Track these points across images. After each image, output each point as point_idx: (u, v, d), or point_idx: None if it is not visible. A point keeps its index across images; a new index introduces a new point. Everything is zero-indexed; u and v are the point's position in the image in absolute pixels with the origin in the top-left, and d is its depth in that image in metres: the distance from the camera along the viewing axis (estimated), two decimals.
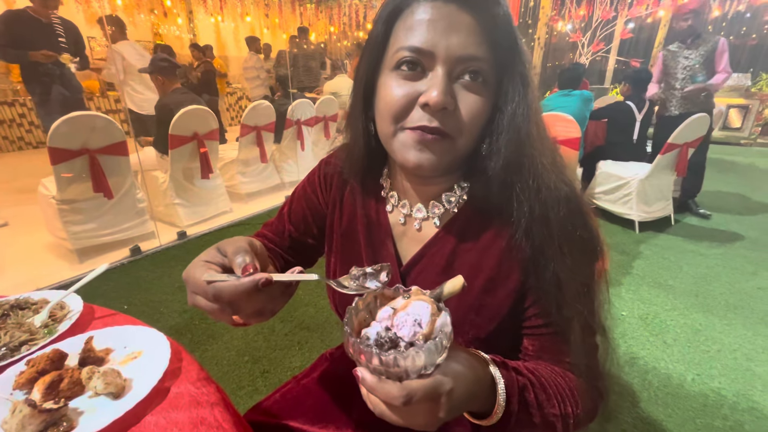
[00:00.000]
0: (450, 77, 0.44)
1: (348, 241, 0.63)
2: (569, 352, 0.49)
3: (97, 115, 2.20)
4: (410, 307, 0.36)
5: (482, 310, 0.51)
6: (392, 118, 0.46)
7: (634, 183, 2.84)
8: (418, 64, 0.44)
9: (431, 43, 0.43)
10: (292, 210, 0.69)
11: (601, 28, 6.41)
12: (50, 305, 0.62)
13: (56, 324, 0.59)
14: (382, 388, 0.33)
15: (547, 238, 0.47)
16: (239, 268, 0.39)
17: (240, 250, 0.41)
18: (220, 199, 3.16)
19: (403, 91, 0.45)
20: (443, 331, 0.34)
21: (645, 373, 1.56)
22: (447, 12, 0.43)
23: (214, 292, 0.38)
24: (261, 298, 0.40)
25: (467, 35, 0.43)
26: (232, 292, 0.38)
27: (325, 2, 9.17)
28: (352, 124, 0.55)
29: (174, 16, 7.35)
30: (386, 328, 0.36)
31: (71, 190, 2.22)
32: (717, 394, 1.46)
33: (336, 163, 0.65)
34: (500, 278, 0.51)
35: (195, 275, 0.40)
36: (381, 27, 0.48)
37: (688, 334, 1.78)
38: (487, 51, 0.44)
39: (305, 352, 1.67)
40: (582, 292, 0.48)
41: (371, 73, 0.50)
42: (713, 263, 2.44)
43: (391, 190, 0.59)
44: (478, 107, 0.45)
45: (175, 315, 1.92)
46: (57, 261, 2.42)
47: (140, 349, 0.54)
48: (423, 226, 0.56)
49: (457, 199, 0.54)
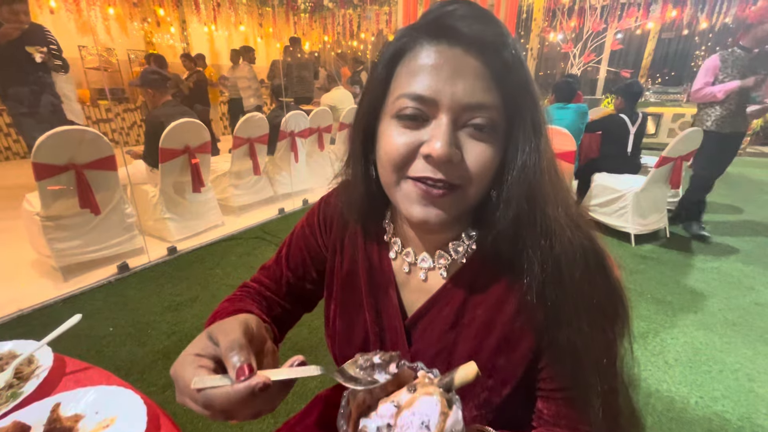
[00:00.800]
0: (455, 125, 0.40)
1: (349, 287, 0.59)
2: (587, 420, 0.45)
3: (84, 129, 2.14)
4: (416, 405, 0.32)
5: (495, 372, 0.47)
6: (393, 168, 0.43)
7: (629, 196, 2.84)
8: (421, 114, 0.41)
9: (434, 90, 0.39)
10: (291, 253, 0.65)
11: (591, 39, 6.50)
12: (16, 361, 0.56)
13: (22, 384, 0.53)
14: None
15: (562, 301, 0.43)
16: (233, 369, 0.35)
17: (234, 345, 0.36)
18: (212, 213, 3.10)
19: (405, 139, 0.41)
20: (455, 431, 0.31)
21: (648, 396, 1.52)
22: (452, 56, 0.39)
23: (204, 401, 0.34)
24: (257, 403, 0.35)
25: (474, 81, 0.39)
26: (224, 400, 0.34)
27: (319, 12, 9.21)
28: (353, 167, 0.51)
29: (167, 25, 7.31)
30: (388, 425, 0.32)
31: (56, 206, 2.15)
32: (721, 418, 1.43)
33: (336, 203, 0.61)
34: (514, 337, 0.47)
35: (184, 376, 0.36)
36: (382, 70, 0.44)
37: (689, 354, 1.76)
38: (496, 97, 0.40)
39: (298, 384, 1.60)
40: (601, 359, 0.43)
41: (372, 117, 0.46)
42: (709, 278, 2.42)
43: (395, 236, 0.55)
44: (487, 157, 0.41)
45: (163, 337, 1.85)
46: (40, 279, 2.33)
47: (113, 414, 0.49)
48: (429, 276, 0.52)
49: (465, 249, 0.50)
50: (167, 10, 6.90)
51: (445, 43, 0.40)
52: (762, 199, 4.02)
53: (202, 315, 2.01)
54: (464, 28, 0.39)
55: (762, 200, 4.00)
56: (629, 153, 3.11)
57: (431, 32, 0.40)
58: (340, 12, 9.00)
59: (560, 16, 6.99)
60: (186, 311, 2.05)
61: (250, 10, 7.99)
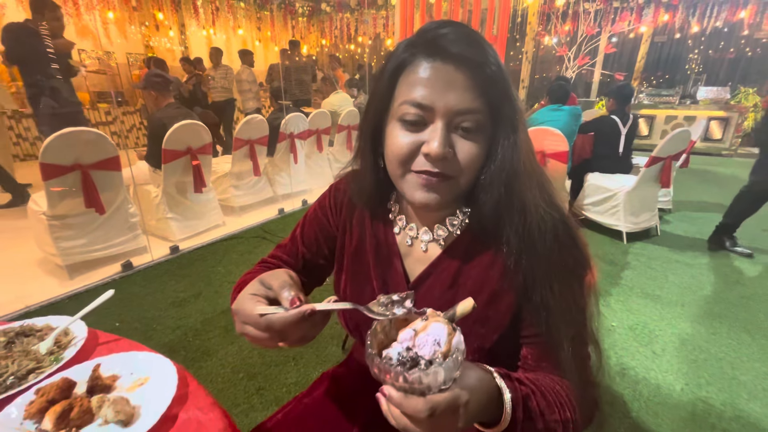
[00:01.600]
0: (449, 128, 0.49)
1: (358, 261, 0.67)
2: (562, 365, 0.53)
3: (89, 130, 2.19)
4: (429, 329, 0.40)
5: (487, 321, 0.56)
6: (399, 163, 0.52)
7: (621, 195, 2.92)
8: (420, 120, 0.50)
9: (431, 99, 0.48)
10: (305, 232, 0.74)
11: (586, 43, 6.61)
12: (56, 332, 0.62)
13: (61, 351, 0.60)
14: (408, 404, 0.37)
15: (535, 267, 0.52)
16: (287, 300, 0.45)
17: (285, 284, 0.47)
18: (213, 213, 3.16)
19: (408, 140, 0.51)
20: (459, 349, 0.38)
21: (635, 383, 1.59)
22: (445, 71, 0.48)
23: (266, 324, 0.44)
24: (305, 326, 0.45)
25: (463, 91, 0.48)
26: (282, 323, 0.43)
27: (317, 16, 9.30)
28: (362, 160, 0.61)
29: (166, 29, 7.37)
30: (407, 348, 0.40)
31: (62, 205, 2.21)
32: (705, 403, 1.50)
33: (345, 189, 0.70)
34: (502, 291, 0.56)
35: (246, 308, 0.45)
36: (387, 80, 0.53)
37: (676, 344, 1.83)
38: (481, 104, 0.49)
39: (300, 367, 1.67)
40: (570, 313, 0.52)
41: (379, 119, 0.55)
42: (698, 273, 2.50)
43: (399, 214, 0.64)
44: (474, 152, 0.50)
45: (168, 332, 1.90)
46: (46, 277, 2.38)
47: (147, 375, 0.55)
48: (429, 248, 0.61)
49: (460, 222, 0.59)
50: (166, 14, 6.97)
51: (439, 60, 0.48)
52: None
53: (205, 310, 2.07)
54: (455, 49, 0.48)
55: None
56: (621, 153, 3.20)
57: (428, 51, 0.49)
58: (337, 16, 9.10)
59: (555, 20, 7.11)
60: (190, 307, 2.11)
61: (249, 14, 8.07)
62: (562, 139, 2.77)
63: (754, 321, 1.99)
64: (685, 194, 4.18)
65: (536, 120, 3.11)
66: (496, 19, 2.84)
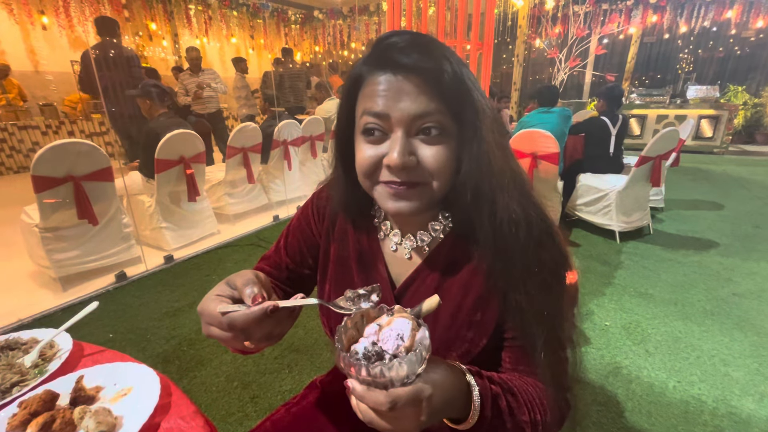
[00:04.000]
0: (408, 135, 0.49)
1: (341, 267, 0.67)
2: (537, 366, 0.53)
3: (82, 141, 2.20)
4: (393, 324, 0.41)
5: (474, 326, 0.56)
6: (366, 177, 0.53)
7: (612, 195, 2.95)
8: (379, 129, 0.50)
9: (385, 107, 0.48)
10: (288, 243, 0.73)
11: (576, 45, 6.68)
12: (40, 345, 0.63)
13: (46, 363, 0.60)
14: (370, 396, 0.38)
15: (509, 269, 0.52)
16: (249, 298, 0.45)
17: (248, 282, 0.46)
18: (208, 221, 3.16)
19: (370, 153, 0.51)
20: (422, 344, 0.39)
21: (629, 382, 1.60)
22: (395, 81, 0.48)
23: (228, 322, 0.43)
24: (269, 324, 0.45)
25: (417, 96, 0.48)
26: (244, 320, 0.43)
27: (310, 23, 9.36)
28: (337, 173, 0.61)
29: (159, 39, 7.40)
30: (372, 342, 0.40)
31: (55, 217, 2.21)
32: (697, 400, 1.51)
33: (327, 197, 0.70)
34: (486, 296, 0.56)
35: (209, 308, 0.45)
36: (347, 95, 0.54)
37: (669, 342, 1.84)
38: (439, 104, 0.48)
39: (295, 375, 1.67)
40: (544, 315, 0.52)
41: (348, 133, 0.56)
42: (690, 271, 2.52)
43: (384, 221, 0.64)
44: (440, 156, 0.50)
45: (162, 342, 1.90)
46: (39, 290, 2.37)
47: (130, 385, 0.56)
48: (413, 254, 0.61)
49: (443, 227, 0.59)
50: (159, 24, 7.00)
51: (389, 71, 0.49)
52: (742, 195, 4.16)
53: (199, 320, 2.06)
54: (403, 59, 0.48)
55: (742, 196, 4.14)
56: (612, 154, 3.23)
57: (379, 63, 0.50)
58: (330, 23, 9.17)
59: (545, 23, 7.20)
60: (184, 316, 2.10)
61: (242, 23, 8.12)
62: (552, 141, 2.80)
63: (745, 318, 2.01)
64: (677, 192, 4.22)
65: (527, 123, 3.14)
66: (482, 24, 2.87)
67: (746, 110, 6.99)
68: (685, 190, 4.40)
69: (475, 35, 2.92)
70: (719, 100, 6.58)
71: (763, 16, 6.34)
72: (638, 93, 7.30)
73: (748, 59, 7.39)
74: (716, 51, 7.60)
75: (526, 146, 2.90)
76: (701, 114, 6.50)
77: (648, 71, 8.21)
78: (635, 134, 6.97)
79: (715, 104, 6.45)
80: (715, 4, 6.56)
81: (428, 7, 2.99)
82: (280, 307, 0.44)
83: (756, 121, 7.18)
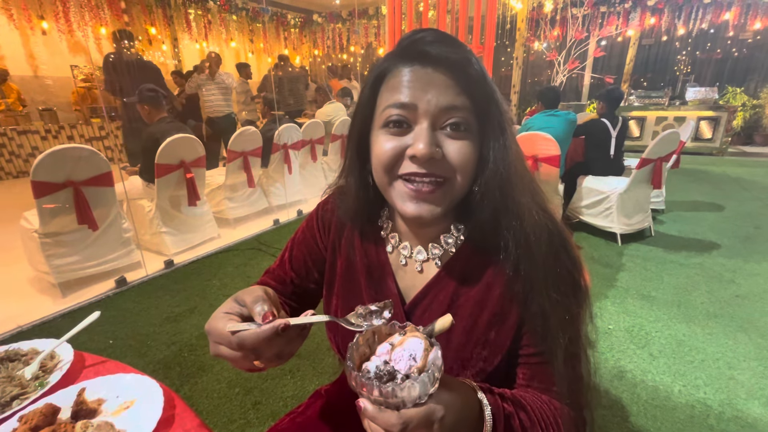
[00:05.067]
0: (434, 128, 0.48)
1: (349, 282, 0.65)
2: (555, 380, 0.52)
3: (82, 147, 2.19)
4: (406, 343, 0.40)
5: (488, 344, 0.54)
6: (384, 170, 0.50)
7: (613, 197, 2.94)
8: (404, 120, 0.48)
9: (413, 97, 0.47)
10: (293, 256, 0.71)
11: (575, 47, 6.69)
12: (41, 356, 0.62)
13: (47, 375, 0.59)
14: (381, 417, 0.37)
15: (533, 272, 0.50)
16: (259, 316, 0.43)
17: (258, 299, 0.44)
18: (208, 226, 3.15)
19: (392, 144, 0.49)
20: (435, 364, 0.38)
21: (633, 386, 1.59)
22: (424, 73, 0.47)
23: (238, 341, 0.42)
24: (280, 342, 0.43)
25: (445, 89, 0.47)
26: (255, 339, 0.41)
27: (309, 27, 9.38)
28: (350, 176, 0.59)
29: (159, 43, 7.41)
30: (385, 362, 0.39)
31: (55, 223, 2.19)
32: (703, 404, 1.49)
33: (333, 208, 0.67)
34: (504, 313, 0.54)
35: (218, 327, 0.43)
36: (368, 90, 0.52)
37: (673, 345, 1.83)
38: (465, 101, 0.48)
39: (297, 380, 1.65)
40: (566, 322, 0.51)
41: (364, 131, 0.54)
42: (692, 273, 2.51)
43: (392, 232, 0.62)
44: (465, 151, 0.48)
45: (163, 348, 1.88)
46: (39, 296, 2.36)
47: (133, 398, 0.55)
48: (424, 267, 0.59)
49: (455, 240, 0.57)
50: (159, 29, 7.01)
51: (418, 64, 0.48)
52: (742, 196, 4.16)
53: (200, 325, 2.05)
54: (432, 51, 0.47)
55: (742, 197, 4.13)
56: (612, 156, 3.23)
57: (406, 57, 0.49)
58: (329, 26, 9.19)
59: (543, 26, 7.21)
60: (185, 322, 2.09)
61: (241, 27, 8.13)
62: (553, 144, 2.79)
63: (749, 320, 2.00)
64: (677, 194, 4.22)
65: (531, 126, 3.13)
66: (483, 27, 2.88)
67: (745, 111, 7.00)
68: (686, 191, 4.39)
69: (476, 38, 2.93)
70: (718, 101, 6.59)
71: (760, 17, 6.37)
72: (637, 95, 7.31)
73: (746, 61, 7.41)
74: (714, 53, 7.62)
75: (527, 148, 2.89)
76: (700, 115, 6.50)
77: (646, 73, 8.23)
78: (635, 136, 6.97)
79: (714, 106, 6.46)
80: (713, 6, 6.59)
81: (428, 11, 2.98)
82: (291, 325, 0.42)
83: (755, 122, 7.18)
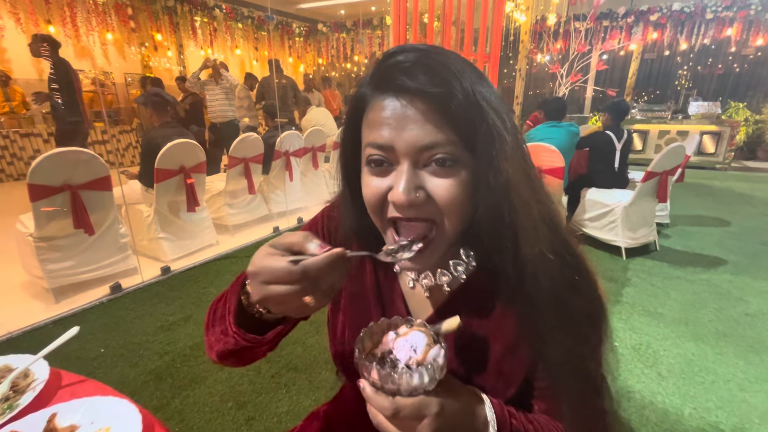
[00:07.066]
0: (416, 166, 0.43)
1: (357, 299, 0.61)
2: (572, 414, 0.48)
3: (81, 150, 2.16)
4: (409, 336, 0.42)
5: (502, 376, 0.51)
6: (374, 213, 0.48)
7: (618, 210, 2.90)
8: (384, 160, 0.44)
9: (389, 138, 0.42)
10: None
11: (577, 60, 6.72)
12: (13, 374, 0.57)
13: (18, 397, 0.54)
14: (376, 400, 0.39)
15: (546, 301, 0.45)
16: (317, 247, 0.40)
17: (305, 236, 0.41)
18: (206, 232, 3.11)
19: (375, 187, 0.45)
20: (436, 361, 0.39)
21: (642, 408, 1.52)
22: (399, 106, 0.42)
23: (302, 270, 0.38)
24: (337, 273, 0.40)
25: (423, 124, 0.41)
26: (319, 265, 0.38)
27: (313, 36, 9.47)
28: (345, 206, 0.55)
29: (164, 49, 7.46)
30: (389, 350, 0.42)
31: (50, 227, 2.16)
32: (715, 428, 1.43)
33: (338, 216, 0.62)
34: (516, 344, 0.50)
35: (268, 262, 0.39)
36: (350, 120, 0.48)
37: (682, 365, 1.77)
38: (449, 134, 0.42)
39: (293, 395, 1.59)
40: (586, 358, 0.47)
41: (354, 163, 0.50)
42: (699, 289, 2.46)
43: None
44: (453, 191, 0.43)
45: (155, 357, 1.83)
46: (31, 301, 2.31)
47: (108, 424, 0.50)
48: (432, 292, 0.55)
49: (465, 266, 0.53)
50: (165, 35, 7.07)
51: (392, 95, 0.42)
52: (747, 211, 4.11)
53: (195, 334, 2.00)
54: (408, 81, 0.41)
55: (747, 212, 4.09)
56: (617, 168, 3.20)
57: (380, 86, 0.44)
58: (333, 36, 9.27)
59: (546, 39, 7.26)
60: (179, 331, 2.03)
61: (246, 35, 8.20)
62: (557, 156, 2.76)
63: (760, 339, 1.94)
64: (681, 208, 4.17)
65: (534, 137, 3.10)
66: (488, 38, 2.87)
67: (748, 126, 6.99)
68: (690, 206, 4.35)
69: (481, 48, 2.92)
70: (721, 116, 6.59)
71: (762, 34, 6.40)
72: (640, 108, 7.32)
73: (747, 76, 7.43)
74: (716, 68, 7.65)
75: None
76: (703, 130, 6.49)
77: (649, 87, 8.25)
78: (637, 149, 6.96)
79: (716, 120, 6.46)
80: (715, 22, 6.63)
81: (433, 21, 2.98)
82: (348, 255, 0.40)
83: (758, 137, 7.17)
